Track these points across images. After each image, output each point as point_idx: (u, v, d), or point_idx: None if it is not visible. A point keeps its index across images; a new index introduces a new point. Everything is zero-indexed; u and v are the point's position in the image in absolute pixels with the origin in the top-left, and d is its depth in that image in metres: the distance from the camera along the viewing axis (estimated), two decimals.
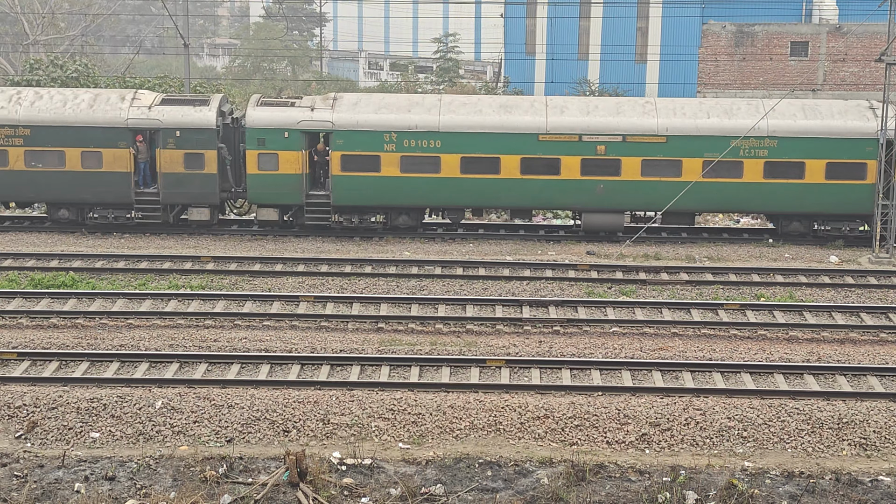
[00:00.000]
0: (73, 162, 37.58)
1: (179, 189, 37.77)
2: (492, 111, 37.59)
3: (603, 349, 26.86)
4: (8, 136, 37.56)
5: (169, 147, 37.44)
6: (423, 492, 20.54)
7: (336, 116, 37.33)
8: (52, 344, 26.72)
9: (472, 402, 23.41)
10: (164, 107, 37.79)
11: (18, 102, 37.81)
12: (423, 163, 37.28)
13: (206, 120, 37.50)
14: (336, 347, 26.71)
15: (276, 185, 37.47)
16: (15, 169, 37.63)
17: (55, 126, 37.51)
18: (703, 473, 21.12)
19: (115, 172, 37.62)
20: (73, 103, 37.82)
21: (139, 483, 20.71)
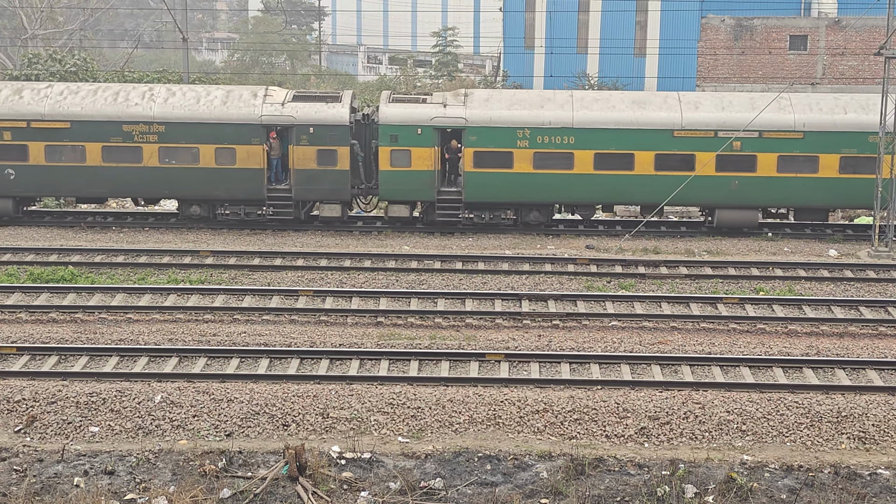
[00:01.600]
0: (206, 158, 37.52)
1: (311, 185, 37.74)
2: (625, 107, 37.52)
3: (602, 343, 26.87)
4: (142, 132, 37.46)
5: (302, 143, 37.39)
6: (422, 486, 20.56)
7: (469, 113, 37.33)
8: (51, 338, 26.71)
9: (472, 395, 23.43)
10: (298, 103, 37.71)
11: (152, 99, 37.69)
12: (555, 159, 37.21)
13: (340, 116, 37.45)
14: (335, 341, 26.71)
15: (409, 182, 37.51)
16: (149, 166, 37.56)
17: (189, 123, 37.44)
18: (702, 467, 21.14)
19: (249, 169, 37.58)
20: (207, 100, 37.77)
21: (138, 477, 20.73)
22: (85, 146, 37.54)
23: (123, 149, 37.53)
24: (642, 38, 66.47)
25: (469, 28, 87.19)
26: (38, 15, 72.57)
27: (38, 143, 37.59)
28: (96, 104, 37.58)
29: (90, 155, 37.56)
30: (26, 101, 37.73)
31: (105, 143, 37.49)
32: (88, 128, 37.46)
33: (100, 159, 37.56)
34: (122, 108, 37.48)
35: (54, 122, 37.50)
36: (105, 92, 38.17)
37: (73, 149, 37.64)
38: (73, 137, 37.55)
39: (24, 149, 37.64)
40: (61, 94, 37.98)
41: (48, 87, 38.49)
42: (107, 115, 37.46)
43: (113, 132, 37.45)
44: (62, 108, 37.55)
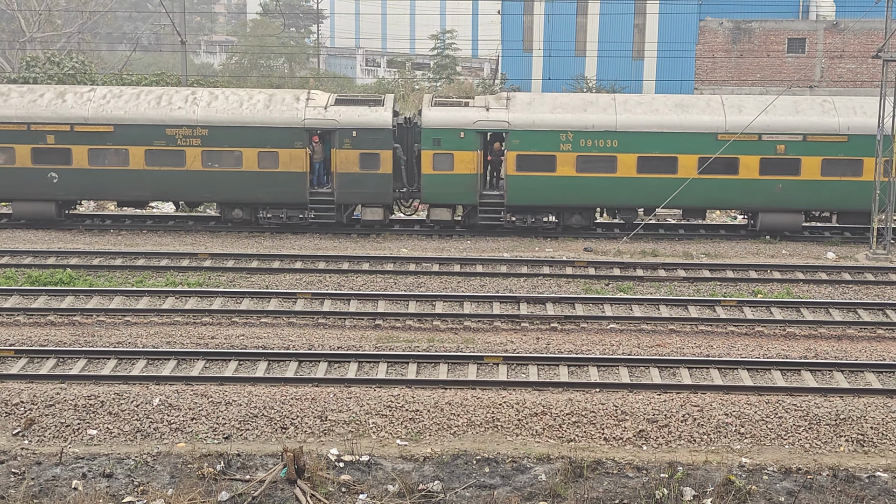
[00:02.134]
0: (249, 162, 37.45)
1: (354, 189, 37.66)
2: (668, 110, 37.52)
3: (600, 346, 26.87)
4: (186, 136, 37.43)
5: (345, 147, 37.34)
6: (420, 488, 20.54)
7: (512, 116, 37.31)
8: (49, 341, 26.70)
9: (470, 398, 23.42)
10: (340, 107, 37.68)
11: (195, 103, 37.65)
12: (598, 162, 37.19)
13: (383, 120, 37.43)
14: (334, 344, 26.71)
15: (451, 185, 37.47)
16: (192, 169, 37.52)
17: (233, 126, 37.41)
18: (701, 470, 21.13)
19: (291, 172, 37.53)
20: (250, 104, 37.73)
21: (137, 480, 20.71)
22: (128, 150, 37.50)
23: (167, 152, 37.50)
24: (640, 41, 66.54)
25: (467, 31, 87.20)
26: (37, 18, 72.60)
27: (82, 146, 37.51)
28: (139, 108, 37.58)
29: (133, 158, 37.51)
30: (69, 104, 37.67)
31: (148, 147, 37.46)
32: (132, 131, 37.44)
33: (143, 163, 37.53)
34: (166, 112, 37.48)
35: (98, 126, 37.43)
36: (148, 95, 38.16)
37: (116, 152, 37.59)
38: (116, 141, 37.50)
39: (68, 152, 37.57)
40: (104, 97, 37.93)
41: (91, 91, 38.45)
42: (150, 119, 37.46)
43: (156, 136, 37.43)
44: (106, 111, 37.51)
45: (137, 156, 37.49)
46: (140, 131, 37.40)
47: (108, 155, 37.63)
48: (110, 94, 38.13)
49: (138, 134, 37.40)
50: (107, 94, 38.19)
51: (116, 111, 37.50)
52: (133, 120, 37.43)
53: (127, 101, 37.77)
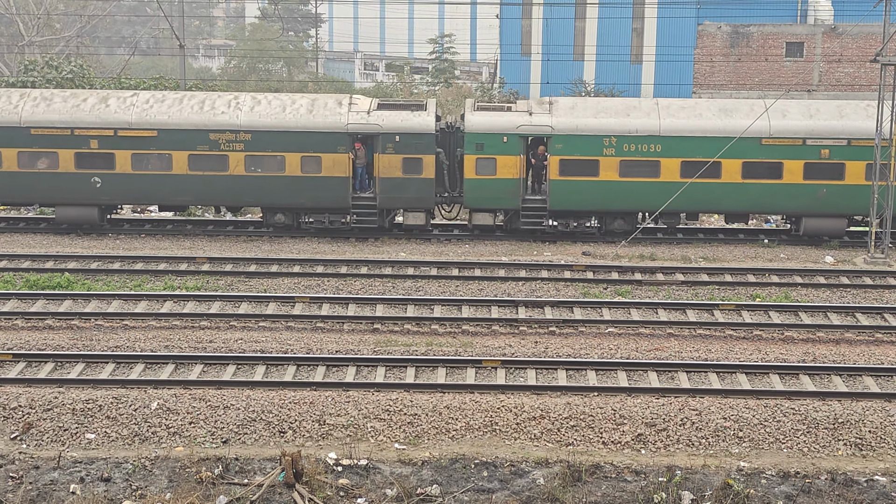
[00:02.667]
0: (292, 167, 37.49)
1: (397, 193, 37.68)
2: (712, 115, 37.55)
3: (599, 349, 26.87)
4: (229, 141, 37.43)
5: (388, 152, 37.33)
6: (419, 492, 20.53)
7: (555, 121, 37.36)
8: (47, 345, 26.69)
9: (468, 402, 23.41)
10: (383, 111, 37.69)
11: (238, 108, 37.65)
12: (641, 167, 37.24)
13: (426, 124, 37.44)
14: (332, 348, 26.70)
15: (494, 190, 37.50)
16: (234, 174, 37.52)
17: (276, 131, 37.40)
18: (699, 474, 21.13)
19: (334, 177, 37.52)
20: (292, 108, 37.74)
21: (135, 484, 20.69)
22: (172, 154, 37.50)
23: (210, 157, 37.50)
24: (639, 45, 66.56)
25: (466, 35, 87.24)
26: (35, 22, 72.62)
27: (125, 151, 37.51)
28: (183, 112, 37.60)
29: (177, 163, 37.52)
30: (113, 109, 37.67)
31: (192, 152, 37.47)
32: (175, 136, 37.45)
33: (186, 168, 37.53)
34: (209, 117, 37.49)
35: (141, 131, 37.45)
36: (191, 100, 38.16)
37: (159, 157, 37.60)
38: (159, 146, 37.53)
39: (111, 157, 37.58)
40: (147, 102, 37.95)
41: (133, 96, 38.45)
42: (194, 124, 37.47)
43: (200, 141, 37.43)
44: (149, 116, 37.52)
45: (181, 160, 37.51)
46: (183, 136, 37.43)
47: (151, 159, 37.64)
48: (153, 99, 38.16)
49: (182, 139, 37.43)
50: (150, 98, 38.23)
51: (160, 116, 37.54)
52: (177, 125, 37.45)
53: (170, 106, 37.80)
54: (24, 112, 37.63)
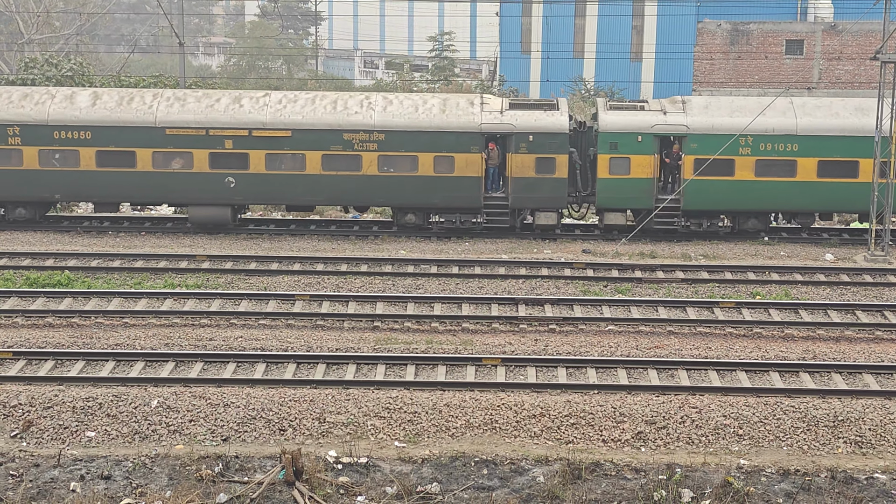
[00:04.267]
0: (425, 167, 37.42)
1: (529, 193, 37.63)
2: (848, 114, 37.45)
3: (599, 347, 26.87)
4: (363, 141, 37.41)
5: (521, 152, 37.28)
6: (418, 490, 20.54)
7: (690, 120, 37.32)
8: (47, 343, 26.69)
9: (468, 400, 23.42)
10: (516, 111, 37.67)
11: (371, 108, 37.65)
12: (777, 166, 37.12)
13: (560, 124, 37.39)
14: (332, 346, 26.70)
15: (627, 190, 37.45)
16: (367, 174, 37.49)
17: (409, 131, 37.37)
18: (699, 471, 21.13)
19: (467, 177, 37.48)
20: (425, 108, 37.74)
21: (135, 482, 20.70)
22: (305, 154, 37.49)
23: (343, 157, 37.47)
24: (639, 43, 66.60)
25: (465, 33, 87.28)
26: (35, 20, 72.61)
27: (259, 151, 37.49)
28: (316, 113, 37.61)
29: (310, 163, 37.51)
30: (247, 109, 37.67)
31: (325, 152, 37.45)
32: (310, 136, 37.43)
33: (319, 168, 37.52)
34: (343, 117, 37.49)
35: (276, 131, 37.44)
36: (323, 100, 38.16)
37: (293, 157, 37.57)
38: (293, 146, 37.49)
39: (245, 157, 37.56)
40: (280, 102, 37.97)
41: (265, 96, 38.46)
42: (328, 124, 37.46)
43: (333, 141, 37.43)
44: (283, 116, 37.52)
45: (314, 160, 37.50)
46: (317, 136, 37.42)
47: (284, 159, 37.63)
48: (286, 99, 38.20)
49: (315, 139, 37.42)
50: (282, 98, 38.27)
51: (294, 116, 37.55)
52: (311, 125, 37.46)
53: (303, 106, 37.83)
54: (158, 112, 37.66)
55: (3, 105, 37.90)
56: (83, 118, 37.61)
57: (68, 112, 37.69)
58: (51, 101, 38.03)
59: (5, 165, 37.75)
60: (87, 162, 37.64)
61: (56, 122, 37.60)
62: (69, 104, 37.91)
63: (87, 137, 37.54)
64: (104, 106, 37.84)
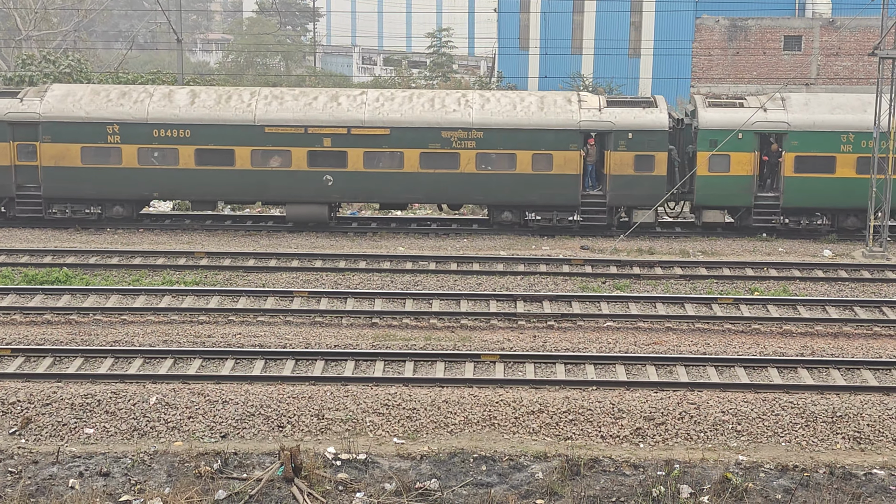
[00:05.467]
0: (523, 164, 37.37)
1: (627, 191, 37.58)
2: None
3: (597, 344, 26.88)
4: (461, 139, 37.38)
5: (620, 149, 37.28)
6: (417, 486, 20.55)
7: (791, 117, 37.23)
8: (45, 340, 26.68)
9: (467, 396, 23.42)
10: (615, 109, 37.62)
11: (469, 105, 37.62)
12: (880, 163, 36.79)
13: (660, 121, 37.38)
14: (330, 343, 26.70)
15: (727, 187, 37.36)
16: (465, 172, 37.44)
17: (508, 129, 37.32)
18: (698, 467, 21.15)
19: (565, 175, 37.42)
20: (523, 106, 37.68)
21: (134, 479, 20.70)
22: (403, 152, 37.48)
23: (441, 155, 37.46)
24: (637, 39, 66.58)
25: (464, 29, 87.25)
26: (33, 16, 72.51)
27: (358, 149, 37.46)
28: (415, 111, 37.61)
29: (408, 161, 37.48)
30: (345, 107, 37.65)
31: (423, 150, 37.42)
32: (408, 134, 37.42)
33: (417, 165, 37.49)
34: (441, 115, 37.49)
35: (374, 129, 37.41)
36: (420, 98, 38.18)
37: (391, 155, 37.56)
38: (392, 144, 37.47)
39: (343, 155, 37.52)
40: (377, 100, 37.96)
41: (363, 94, 38.50)
42: (426, 122, 37.46)
43: (432, 138, 37.41)
44: (381, 114, 37.52)
45: (412, 158, 37.48)
46: (416, 134, 37.41)
47: (382, 158, 37.60)
48: (382, 97, 38.21)
49: (414, 137, 37.41)
50: (379, 96, 38.29)
51: (392, 114, 37.54)
52: (409, 123, 37.46)
53: (401, 104, 37.82)
54: (257, 110, 37.65)
55: (103, 103, 37.81)
56: (182, 116, 37.60)
57: (168, 110, 37.66)
58: (149, 99, 37.97)
59: (104, 164, 37.65)
60: (186, 160, 37.62)
61: (155, 120, 37.56)
62: (168, 102, 37.88)
63: (186, 136, 37.50)
64: (203, 104, 37.83)
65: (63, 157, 37.60)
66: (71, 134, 37.53)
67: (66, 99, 37.99)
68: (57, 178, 37.71)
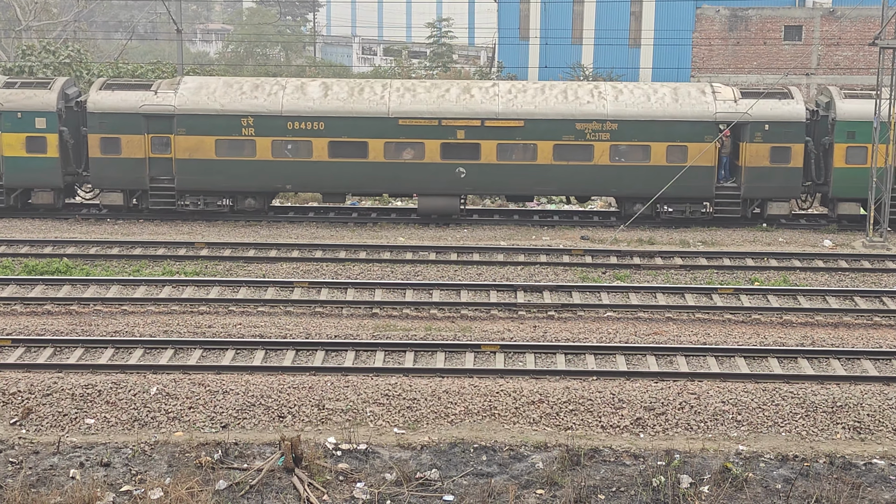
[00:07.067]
0: (657, 156, 37.26)
1: (762, 183, 37.43)
2: None
3: (597, 334, 26.89)
4: (595, 130, 37.26)
5: (755, 141, 37.09)
6: (418, 476, 20.57)
7: None
8: (46, 330, 26.69)
9: (467, 387, 23.44)
10: (750, 100, 37.39)
11: (602, 97, 37.51)
12: None
13: (797, 113, 37.17)
14: (331, 333, 26.71)
15: (865, 179, 36.84)
16: (598, 164, 37.27)
17: (642, 120, 37.21)
18: (698, 457, 21.17)
19: (699, 167, 37.24)
20: (656, 97, 37.60)
21: (134, 469, 20.72)
22: (537, 144, 37.36)
23: (575, 147, 37.33)
24: (637, 29, 66.45)
25: (464, 19, 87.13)
26: (32, 6, 72.41)
27: (491, 141, 37.36)
28: (548, 102, 37.48)
29: (541, 153, 37.38)
30: (478, 99, 37.54)
31: (557, 142, 37.30)
32: (542, 126, 37.28)
33: (550, 158, 37.36)
34: (575, 107, 37.35)
35: (508, 121, 37.28)
36: (553, 90, 38.03)
37: (524, 147, 37.45)
38: (525, 136, 37.35)
39: (476, 147, 37.44)
40: (510, 92, 37.85)
41: (494, 86, 38.35)
42: (560, 114, 37.30)
43: (565, 130, 37.27)
44: (515, 106, 37.39)
45: (546, 150, 37.35)
46: (549, 126, 37.27)
47: (515, 150, 37.49)
48: (515, 89, 38.09)
49: (547, 128, 37.27)
50: (511, 88, 38.17)
51: (526, 106, 37.42)
52: (543, 115, 37.31)
53: (534, 96, 37.70)
54: (391, 103, 37.60)
55: (236, 96, 37.73)
56: (316, 109, 37.51)
57: (301, 103, 37.58)
58: (282, 91, 37.89)
59: (238, 156, 37.62)
60: (320, 153, 37.54)
61: (290, 112, 37.47)
62: (301, 95, 37.79)
63: (319, 128, 37.41)
64: (336, 96, 37.73)
65: (197, 150, 37.56)
66: (206, 126, 37.47)
67: (200, 91, 37.93)
68: (190, 171, 37.67)
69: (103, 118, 37.50)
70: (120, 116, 37.47)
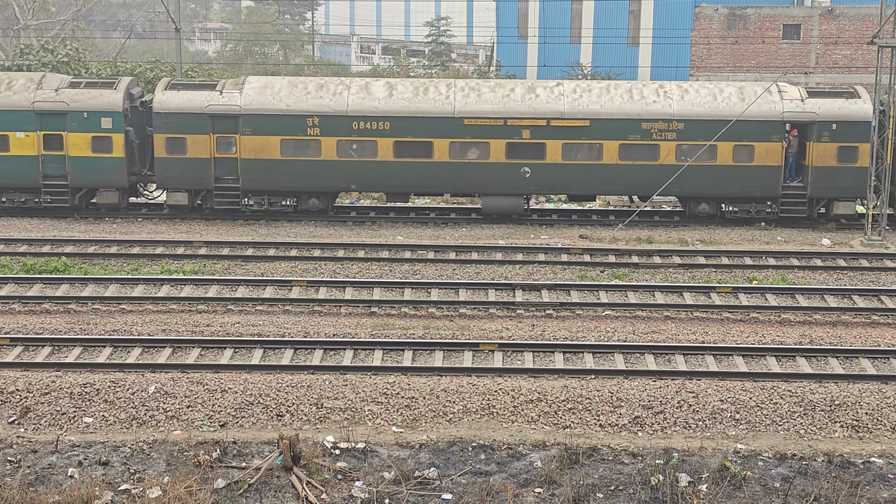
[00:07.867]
0: (723, 156, 37.23)
1: (828, 183, 37.44)
2: None
3: (596, 333, 26.89)
4: (661, 130, 37.26)
5: (822, 140, 37.08)
6: (416, 475, 20.57)
7: None
8: (44, 329, 26.68)
9: (466, 385, 23.44)
10: (818, 99, 37.45)
11: (668, 96, 37.49)
12: None
13: (864, 112, 37.09)
14: (329, 332, 26.71)
15: None
16: (665, 163, 37.21)
17: (708, 120, 37.12)
18: (696, 456, 21.17)
19: (766, 166, 37.27)
20: (722, 97, 37.61)
21: (133, 468, 20.72)
22: (602, 144, 37.34)
23: (641, 146, 37.36)
24: (635, 28, 66.43)
25: (462, 17, 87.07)
26: (31, 5, 72.38)
27: (556, 141, 37.34)
28: (614, 102, 37.51)
29: (607, 153, 37.38)
30: (543, 99, 37.53)
31: (622, 141, 37.33)
32: (607, 126, 37.32)
33: (616, 157, 37.38)
34: (641, 106, 37.38)
35: (574, 121, 37.28)
36: (618, 89, 38.06)
37: (589, 147, 37.45)
38: (591, 135, 37.35)
39: (542, 147, 37.40)
40: (575, 91, 37.87)
41: (558, 86, 38.31)
42: (626, 113, 37.35)
43: (631, 130, 37.31)
44: (581, 106, 37.40)
45: (611, 150, 37.37)
46: (615, 125, 37.30)
47: (581, 149, 37.49)
48: (580, 89, 38.10)
49: (613, 128, 37.31)
50: (576, 87, 38.18)
51: (591, 105, 37.43)
52: (609, 114, 37.35)
53: (599, 96, 37.75)
54: (456, 102, 37.56)
55: (302, 95, 37.72)
56: (382, 108, 37.51)
57: (367, 102, 37.58)
58: (347, 91, 37.88)
59: (303, 156, 37.60)
60: (385, 152, 37.55)
61: (355, 112, 37.48)
62: (366, 94, 37.78)
63: (385, 128, 37.40)
64: (401, 96, 37.75)
65: (262, 150, 37.56)
66: (271, 126, 37.46)
67: (265, 91, 37.91)
68: (255, 171, 37.66)
69: (169, 118, 37.52)
70: (186, 116, 37.49)
